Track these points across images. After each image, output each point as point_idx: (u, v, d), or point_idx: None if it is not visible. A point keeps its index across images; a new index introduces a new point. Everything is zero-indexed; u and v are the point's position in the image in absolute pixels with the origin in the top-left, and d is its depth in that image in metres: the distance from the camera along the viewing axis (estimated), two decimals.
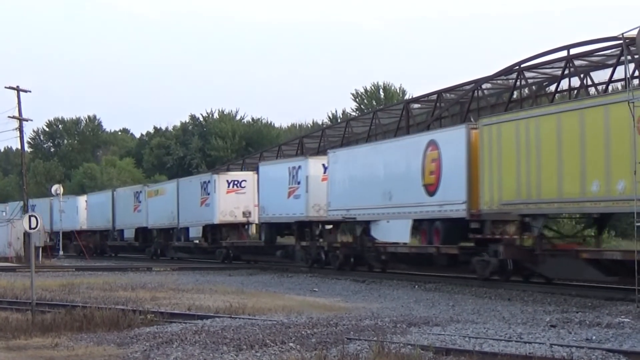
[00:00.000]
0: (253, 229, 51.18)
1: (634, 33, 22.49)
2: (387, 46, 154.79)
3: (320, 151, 51.30)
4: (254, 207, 47.31)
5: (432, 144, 31.03)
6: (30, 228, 23.03)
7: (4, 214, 68.44)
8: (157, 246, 57.14)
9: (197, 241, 52.48)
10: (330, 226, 40.39)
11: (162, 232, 56.50)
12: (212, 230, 49.10)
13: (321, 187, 38.70)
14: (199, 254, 52.07)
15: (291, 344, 15.59)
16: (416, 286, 30.16)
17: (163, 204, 55.00)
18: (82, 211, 68.17)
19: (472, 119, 34.47)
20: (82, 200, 69.53)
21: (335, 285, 31.91)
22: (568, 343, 15.23)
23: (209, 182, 48.88)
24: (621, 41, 26.71)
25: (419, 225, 32.41)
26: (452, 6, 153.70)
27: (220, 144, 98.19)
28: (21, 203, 66.23)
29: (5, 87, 53.39)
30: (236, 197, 47.86)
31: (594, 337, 16.01)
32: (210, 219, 48.33)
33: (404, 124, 44.66)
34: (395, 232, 34.05)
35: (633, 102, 21.41)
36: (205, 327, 18.22)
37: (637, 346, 15.01)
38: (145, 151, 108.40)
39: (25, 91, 53.64)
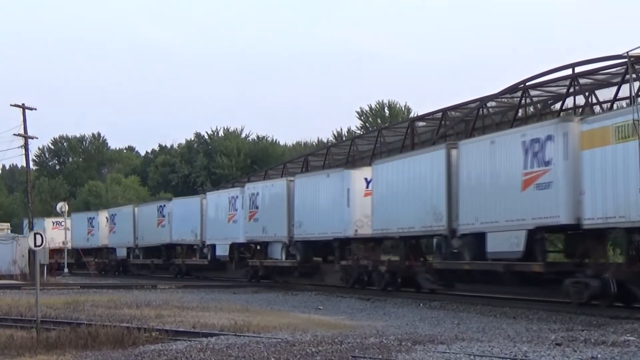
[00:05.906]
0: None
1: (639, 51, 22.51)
2: (392, 64, 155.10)
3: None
4: None
5: None
6: (35, 245, 23.05)
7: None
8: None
9: None
10: None
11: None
12: None
13: None
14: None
15: None
16: (421, 304, 30.10)
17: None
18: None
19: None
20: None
21: (340, 303, 31.85)
22: None
23: None
24: (626, 59, 26.74)
25: None
26: (457, 25, 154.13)
27: (225, 161, 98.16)
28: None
29: (11, 105, 53.74)
30: None
31: (599, 356, 15.95)
32: None
33: (409, 142, 44.68)
34: None
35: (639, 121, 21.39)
36: (210, 345, 18.19)
37: None
38: (150, 169, 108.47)
39: (31, 109, 53.87)
